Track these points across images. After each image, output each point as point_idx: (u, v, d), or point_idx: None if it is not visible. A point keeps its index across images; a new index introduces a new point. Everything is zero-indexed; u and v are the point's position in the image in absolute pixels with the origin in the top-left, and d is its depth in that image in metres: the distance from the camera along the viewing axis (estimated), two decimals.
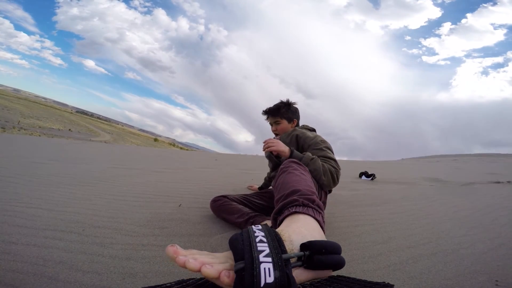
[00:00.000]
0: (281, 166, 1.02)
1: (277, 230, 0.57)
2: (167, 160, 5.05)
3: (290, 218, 0.67)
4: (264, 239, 0.46)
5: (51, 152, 4.48)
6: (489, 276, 0.97)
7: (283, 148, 1.31)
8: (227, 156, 6.84)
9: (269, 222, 1.16)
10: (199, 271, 0.41)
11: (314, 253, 0.50)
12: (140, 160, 4.66)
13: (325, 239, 0.59)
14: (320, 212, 0.71)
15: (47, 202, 1.63)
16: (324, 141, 1.39)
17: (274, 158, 1.62)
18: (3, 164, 2.94)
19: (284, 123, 1.64)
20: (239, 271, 0.40)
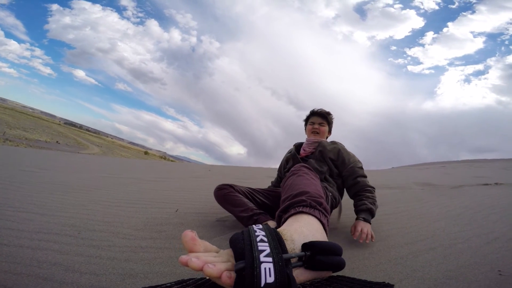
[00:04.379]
0: (292, 169, 1.03)
1: (279, 229, 0.57)
2: (160, 170, 4.97)
3: (294, 217, 0.67)
4: (265, 239, 0.46)
5: (40, 162, 4.33)
6: (491, 266, 1.00)
7: (369, 226, 1.27)
8: (221, 167, 6.82)
9: (272, 223, 1.17)
10: (202, 270, 0.41)
11: (316, 253, 0.49)
12: (133, 170, 4.56)
13: (327, 240, 0.60)
14: (326, 216, 0.71)
15: (39, 207, 1.58)
16: (360, 161, 1.56)
17: (298, 158, 1.63)
18: None
19: (327, 128, 1.72)
20: (239, 270, 0.40)
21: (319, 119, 1.71)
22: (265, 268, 0.39)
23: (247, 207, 1.31)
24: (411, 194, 2.68)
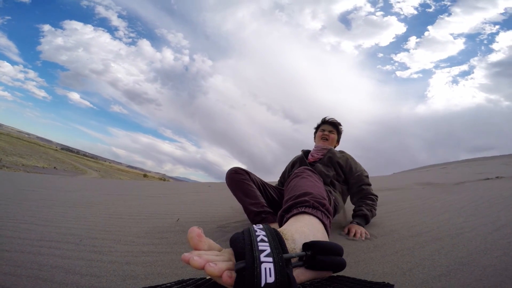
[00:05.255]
0: (296, 171, 1.03)
1: (280, 229, 0.58)
2: (160, 188, 4.96)
3: (296, 217, 0.67)
4: (265, 238, 0.46)
5: (39, 183, 4.34)
6: (504, 251, 0.98)
7: (364, 230, 1.28)
8: (221, 184, 6.80)
9: (276, 226, 1.15)
10: (203, 268, 0.41)
11: (316, 253, 0.49)
12: (132, 188, 4.56)
13: (328, 241, 0.60)
14: (328, 217, 0.71)
15: (40, 220, 1.58)
16: (366, 171, 1.60)
17: (306, 162, 1.65)
18: None
19: (336, 137, 1.77)
20: (239, 270, 0.40)
21: (330, 127, 1.76)
22: (265, 268, 0.39)
23: (258, 202, 1.28)
24: (413, 193, 2.66)
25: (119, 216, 1.84)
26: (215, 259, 0.43)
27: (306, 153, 1.77)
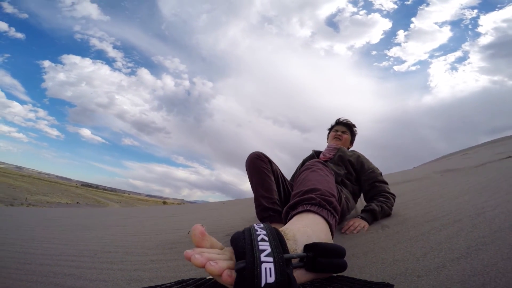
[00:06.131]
0: (307, 163, 0.98)
1: (281, 228, 0.56)
2: (175, 209, 5.13)
3: (300, 215, 0.64)
4: (266, 238, 0.45)
5: (62, 213, 4.77)
6: None
7: (364, 223, 1.21)
8: (236, 201, 6.84)
9: (281, 226, 1.11)
10: (204, 267, 0.40)
11: (317, 255, 0.48)
12: (149, 211, 4.77)
13: (331, 242, 0.58)
14: (334, 216, 0.67)
15: (61, 240, 1.74)
16: (378, 169, 1.53)
17: (316, 157, 1.62)
18: (19, 217, 3.22)
19: (349, 138, 1.74)
20: (240, 270, 0.39)
21: (343, 128, 1.73)
22: (265, 268, 0.39)
23: (271, 197, 1.22)
24: (431, 181, 2.48)
25: (134, 234, 1.94)
26: (216, 258, 0.43)
27: (317, 153, 1.73)
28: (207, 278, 0.52)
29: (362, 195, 1.55)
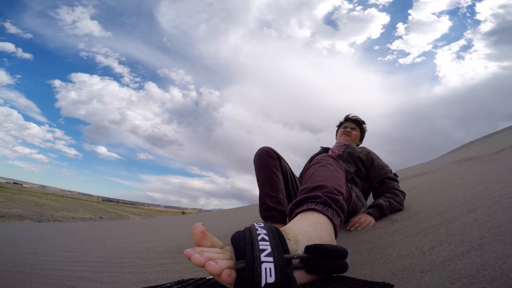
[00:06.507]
0: (317, 158, 0.94)
1: (283, 228, 0.54)
2: (191, 218, 5.30)
3: (304, 214, 0.62)
4: (266, 237, 0.44)
5: (83, 226, 5.17)
6: None
7: (370, 219, 1.16)
8: (249, 207, 6.85)
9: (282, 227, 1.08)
10: (203, 266, 0.40)
11: (318, 257, 0.46)
12: (166, 221, 4.91)
13: (333, 243, 0.56)
14: (339, 215, 0.64)
15: (80, 249, 1.87)
16: (387, 165, 1.47)
17: (324, 152, 1.57)
18: (44, 231, 3.43)
19: (358, 134, 1.68)
20: (240, 270, 0.39)
21: (353, 124, 1.67)
22: (265, 268, 0.38)
23: (276, 196, 1.18)
24: (447, 172, 2.32)
25: (148, 241, 2.03)
26: (217, 257, 0.42)
27: (325, 150, 1.67)
28: (207, 278, 0.51)
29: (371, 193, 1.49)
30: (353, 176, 1.40)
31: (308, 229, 0.54)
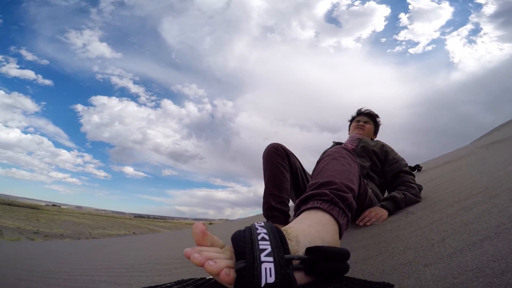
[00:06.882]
0: (330, 150, 0.89)
1: (284, 227, 0.53)
2: (215, 227, 5.49)
3: (309, 212, 0.59)
4: (266, 237, 0.43)
5: (116, 240, 5.51)
6: None
7: (383, 212, 1.09)
8: None
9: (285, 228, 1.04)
10: (203, 266, 0.40)
11: (317, 259, 0.45)
12: (191, 232, 5.14)
13: (336, 244, 0.55)
14: (347, 214, 0.60)
15: (109, 258, 2.06)
16: (403, 159, 1.39)
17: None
18: (81, 246, 3.84)
19: (372, 127, 1.60)
20: (240, 270, 0.38)
21: (365, 118, 1.61)
22: (265, 268, 0.37)
23: (280, 195, 1.15)
24: (473, 158, 2.08)
25: (172, 249, 2.15)
26: (216, 257, 0.41)
27: (337, 143, 1.61)
28: (207, 278, 0.51)
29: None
30: (369, 171, 1.33)
31: (310, 229, 0.52)
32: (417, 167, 2.81)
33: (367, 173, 1.32)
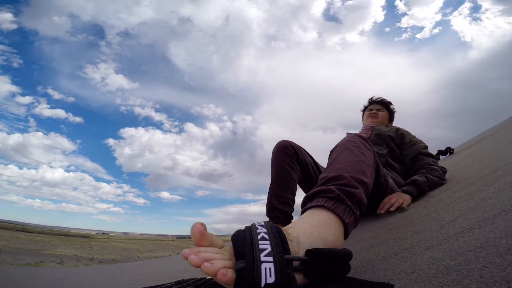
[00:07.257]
0: (344, 138, 0.84)
1: (285, 227, 0.52)
2: None
3: (312, 211, 0.56)
4: (266, 236, 0.42)
5: (161, 259, 6.07)
6: None
7: (404, 198, 1.02)
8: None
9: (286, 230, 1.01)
10: (200, 267, 0.39)
11: (317, 262, 0.44)
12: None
13: (340, 245, 0.53)
14: (354, 212, 0.56)
15: (146, 274, 2.21)
16: (421, 141, 1.32)
17: None
18: (130, 268, 4.27)
19: (386, 115, 1.55)
20: (239, 270, 0.38)
21: (378, 106, 1.56)
22: (265, 268, 0.37)
23: (284, 196, 1.12)
24: (506, 132, 1.96)
25: None
26: (213, 257, 0.41)
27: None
28: (207, 278, 0.51)
29: None
30: (388, 159, 1.25)
31: (312, 229, 0.50)
32: (449, 150, 2.60)
33: (386, 161, 1.24)
